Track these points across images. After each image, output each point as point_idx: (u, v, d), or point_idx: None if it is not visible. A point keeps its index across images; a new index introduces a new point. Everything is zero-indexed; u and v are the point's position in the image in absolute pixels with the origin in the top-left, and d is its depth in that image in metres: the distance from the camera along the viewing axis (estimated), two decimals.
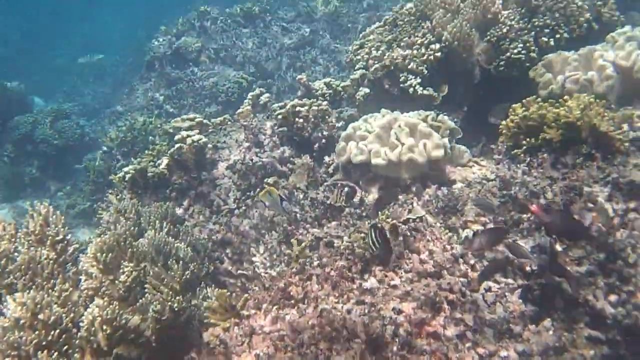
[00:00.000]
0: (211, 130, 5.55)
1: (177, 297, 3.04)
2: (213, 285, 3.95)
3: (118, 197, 5.23)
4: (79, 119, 15.59)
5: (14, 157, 10.75)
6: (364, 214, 4.38)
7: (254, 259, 4.43)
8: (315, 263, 3.23)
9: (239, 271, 4.43)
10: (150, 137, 8.86)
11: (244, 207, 4.79)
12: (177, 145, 5.00)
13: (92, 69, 18.88)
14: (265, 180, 4.85)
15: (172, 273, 3.15)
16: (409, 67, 5.48)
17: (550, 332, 2.91)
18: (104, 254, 3.04)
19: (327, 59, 10.99)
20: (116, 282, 3.02)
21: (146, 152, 5.63)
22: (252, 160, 4.95)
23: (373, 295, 2.93)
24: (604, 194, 3.56)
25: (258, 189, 4.84)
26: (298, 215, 4.49)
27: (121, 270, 3.04)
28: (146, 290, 3.09)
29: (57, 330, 2.63)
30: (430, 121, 4.52)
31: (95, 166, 9.37)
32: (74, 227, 9.40)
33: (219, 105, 10.22)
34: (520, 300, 3.09)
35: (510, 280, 3.46)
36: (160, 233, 3.71)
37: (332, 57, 11.02)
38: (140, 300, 3.01)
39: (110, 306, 2.70)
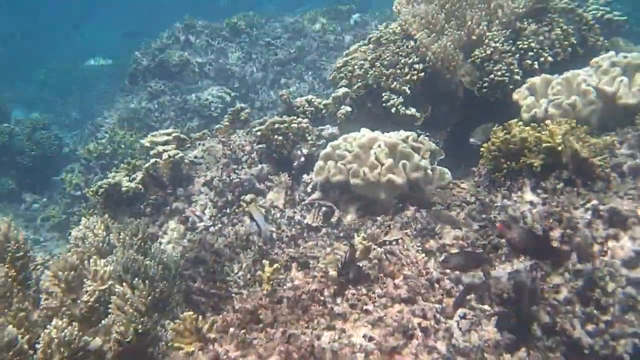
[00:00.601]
0: (188, 145, 5.47)
1: (142, 319, 2.95)
2: (184, 305, 3.87)
3: (90, 211, 5.14)
4: (62, 129, 15.54)
5: None
6: (341, 234, 4.32)
7: (227, 278, 4.35)
8: (288, 285, 3.16)
9: (212, 290, 4.33)
10: (130, 151, 8.77)
11: (219, 225, 4.71)
12: (152, 160, 4.92)
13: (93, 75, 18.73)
14: (242, 198, 4.77)
15: (138, 293, 3.05)
16: (392, 86, 5.45)
17: None
18: (66, 272, 2.94)
19: (313, 76, 10.99)
20: (78, 301, 2.92)
21: (121, 165, 5.54)
22: (229, 177, 4.88)
23: (345, 320, 2.86)
24: (584, 221, 3.52)
25: (234, 206, 4.77)
26: (274, 234, 4.42)
27: (84, 289, 2.95)
28: (109, 310, 2.99)
29: (10, 353, 2.53)
30: (411, 142, 4.48)
31: (72, 178, 9.25)
32: (48, 240, 9.28)
33: (201, 119, 10.15)
34: (496, 329, 3.03)
35: (486, 307, 3.41)
36: (129, 251, 3.61)
37: (318, 74, 11.03)
38: (103, 321, 2.91)
39: (69, 327, 2.61)
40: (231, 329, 2.74)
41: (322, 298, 2.97)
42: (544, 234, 3.51)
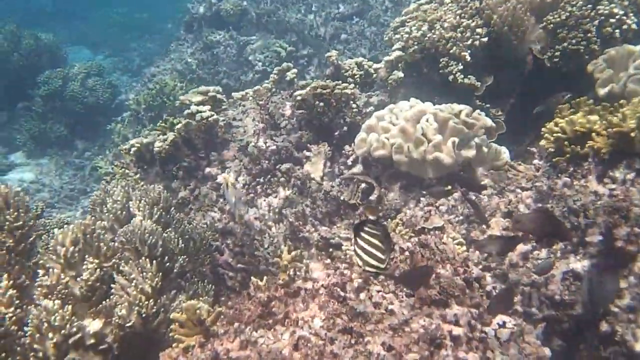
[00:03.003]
0: (224, 107, 5.24)
1: (147, 302, 2.77)
2: (205, 281, 3.70)
3: (122, 170, 5.03)
4: (124, 75, 15.63)
5: (42, 113, 10.69)
6: (380, 214, 4.04)
7: (256, 252, 4.17)
8: (307, 275, 2.92)
9: (239, 265, 4.16)
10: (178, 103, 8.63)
11: (252, 195, 4.50)
12: (184, 121, 4.73)
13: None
14: (278, 167, 4.53)
15: (145, 273, 2.88)
16: (451, 51, 5.05)
17: None
18: (66, 247, 2.78)
19: (375, 33, 10.51)
20: (78, 279, 2.76)
21: (159, 123, 5.37)
22: (265, 143, 4.63)
23: (366, 321, 2.60)
24: None
25: (269, 175, 4.54)
26: (307, 209, 4.18)
27: (84, 267, 2.79)
28: (113, 290, 2.83)
29: None
30: (464, 117, 4.11)
31: (120, 129, 9.23)
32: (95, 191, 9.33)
33: (256, 74, 9.90)
34: (539, 343, 2.72)
35: (534, 310, 3.11)
36: (147, 221, 3.44)
37: (381, 30, 10.53)
38: (104, 302, 2.75)
39: (61, 311, 2.45)
40: (236, 324, 2.53)
41: (342, 294, 2.71)
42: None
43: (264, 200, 4.41)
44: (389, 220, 3.83)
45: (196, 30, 11.18)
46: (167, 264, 3.40)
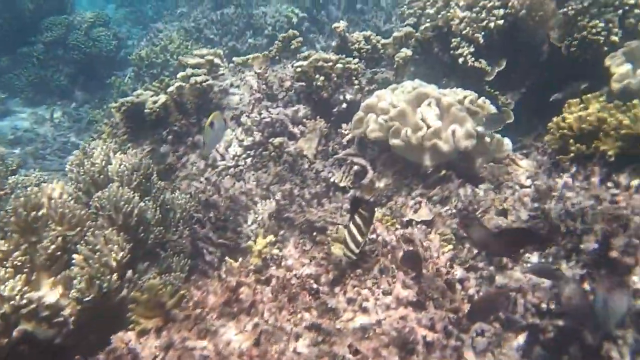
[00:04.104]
0: (221, 72, 5.08)
1: (109, 276, 2.67)
2: (181, 255, 3.59)
3: (110, 129, 4.91)
4: (134, 27, 15.35)
5: (42, 60, 10.52)
6: (371, 199, 3.92)
7: (239, 228, 4.06)
8: (282, 262, 2.81)
9: (220, 240, 4.05)
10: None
11: (241, 167, 4.37)
12: (177, 84, 4.58)
13: None
14: (271, 141, 4.39)
15: (110, 245, 2.77)
16: (464, 32, 4.85)
17: None
18: (27, 210, 2.67)
19: (393, 4, 10.23)
20: (38, 246, 2.66)
21: (154, 83, 5.23)
22: (260, 114, 4.49)
23: (336, 318, 2.50)
24: None
25: (261, 149, 4.40)
26: (296, 189, 4.06)
27: (45, 233, 2.68)
28: (74, 261, 2.72)
29: None
30: (468, 103, 3.94)
31: (120, 84, 9.08)
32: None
33: (265, 38, 9.67)
34: (517, 356, 2.61)
35: (518, 318, 2.99)
36: (125, 188, 3.32)
37: (398, 2, 10.25)
38: (63, 273, 2.65)
39: (11, 280, 2.35)
40: (197, 310, 2.43)
41: (315, 286, 2.60)
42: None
43: (253, 174, 4.28)
44: (378, 207, 3.70)
45: None
46: (142, 234, 3.29)
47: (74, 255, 2.73)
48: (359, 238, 2.61)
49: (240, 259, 3.04)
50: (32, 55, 10.60)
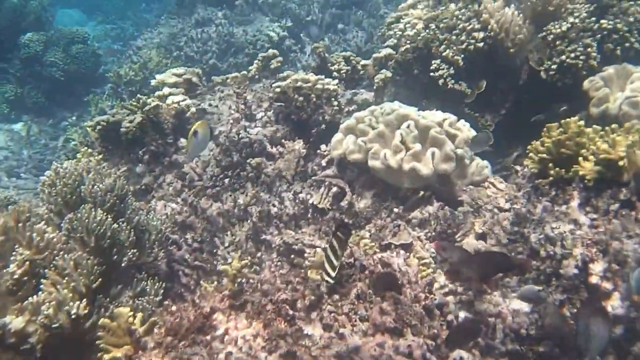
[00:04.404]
0: (199, 91, 5.04)
1: (78, 302, 2.60)
2: (156, 278, 3.52)
3: (85, 149, 4.83)
4: (114, 43, 15.29)
5: (19, 77, 10.40)
6: (350, 221, 3.89)
7: (215, 250, 4.01)
8: (258, 287, 2.76)
9: (196, 262, 3.99)
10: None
11: (218, 188, 4.32)
12: (153, 103, 4.53)
13: None
14: (248, 161, 4.35)
15: (80, 269, 2.70)
16: (444, 54, 4.87)
17: None
18: None
19: (374, 25, 10.31)
20: (4, 271, 2.58)
21: (130, 102, 5.17)
22: (238, 134, 4.45)
23: (312, 345, 2.44)
24: (637, 255, 3.00)
25: (238, 169, 4.36)
26: (274, 209, 4.02)
27: (12, 258, 2.61)
28: (42, 286, 2.65)
29: None
30: (447, 126, 3.94)
31: (98, 101, 9.01)
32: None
33: (246, 56, 9.67)
34: None
35: (497, 344, 2.95)
36: (98, 210, 3.25)
37: (379, 22, 10.33)
38: (31, 299, 2.58)
39: None
40: (169, 338, 2.36)
41: (291, 312, 2.55)
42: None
43: (230, 195, 4.23)
44: (356, 230, 3.67)
45: (189, 5, 10.90)
46: (115, 256, 3.23)
47: (42, 280, 2.66)
48: (335, 262, 2.59)
49: (215, 283, 2.99)
50: (9, 72, 10.47)
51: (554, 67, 4.67)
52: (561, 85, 4.70)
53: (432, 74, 4.93)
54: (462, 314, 2.94)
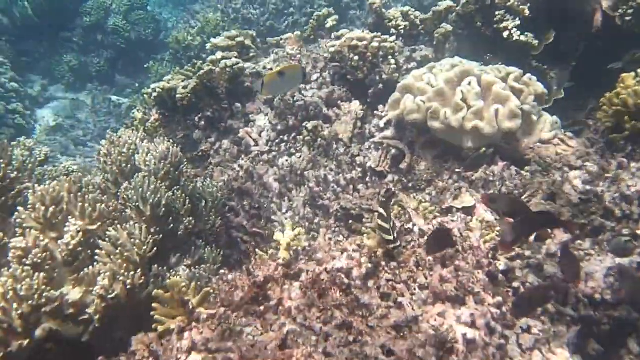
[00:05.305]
0: (252, 54, 4.95)
1: (133, 272, 2.59)
2: (214, 246, 3.50)
3: (142, 115, 4.85)
4: (175, 9, 15.31)
5: (82, 45, 10.56)
6: (409, 184, 3.76)
7: (273, 217, 3.96)
8: (312, 255, 2.69)
9: (254, 229, 3.96)
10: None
11: (274, 153, 4.26)
12: (207, 68, 4.47)
13: None
14: (304, 125, 4.26)
15: (133, 240, 2.69)
16: (508, 4, 4.61)
17: None
18: (46, 205, 2.61)
19: None
20: (59, 242, 2.59)
21: (186, 67, 5.14)
22: (293, 97, 4.35)
23: (369, 315, 2.36)
24: None
25: (294, 133, 4.28)
26: (331, 175, 3.93)
27: (66, 229, 2.61)
28: (97, 257, 2.66)
29: None
30: (512, 81, 3.73)
31: (158, 68, 9.06)
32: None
33: (303, 16, 9.49)
34: (568, 354, 2.44)
35: (569, 311, 2.80)
36: (152, 177, 3.24)
37: None
38: (86, 270, 2.58)
39: (28, 279, 2.29)
40: (222, 310, 2.33)
41: (346, 281, 2.47)
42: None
43: (287, 160, 4.16)
44: (416, 193, 3.55)
45: None
46: (171, 225, 3.22)
47: (97, 251, 2.66)
48: (386, 225, 2.51)
49: (270, 251, 2.94)
50: (72, 40, 10.63)
51: (629, 12, 4.35)
52: (639, 32, 4.38)
53: (495, 26, 4.68)
54: (530, 280, 2.79)
